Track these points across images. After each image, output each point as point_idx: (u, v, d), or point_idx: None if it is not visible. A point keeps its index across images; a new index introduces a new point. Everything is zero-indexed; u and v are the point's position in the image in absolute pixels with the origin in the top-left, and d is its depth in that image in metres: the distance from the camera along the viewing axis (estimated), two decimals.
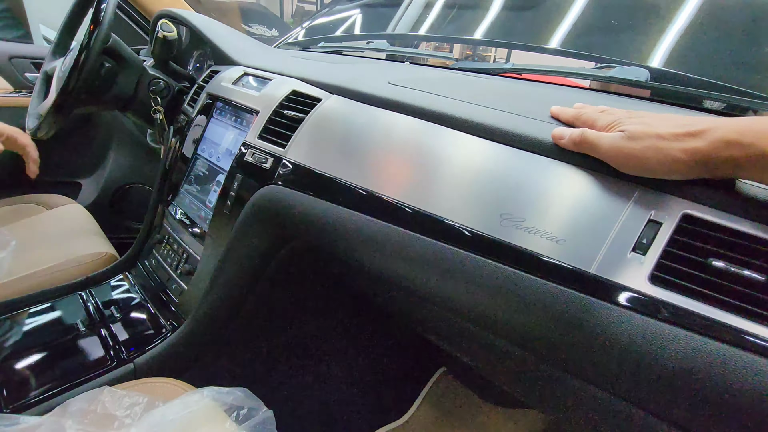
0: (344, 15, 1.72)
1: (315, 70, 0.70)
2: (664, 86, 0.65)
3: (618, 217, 0.35)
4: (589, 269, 0.35)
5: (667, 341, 0.30)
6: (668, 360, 0.30)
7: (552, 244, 0.37)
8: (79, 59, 0.74)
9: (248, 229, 0.61)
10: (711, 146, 0.28)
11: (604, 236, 0.35)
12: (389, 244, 0.47)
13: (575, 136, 0.37)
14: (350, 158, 0.53)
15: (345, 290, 0.69)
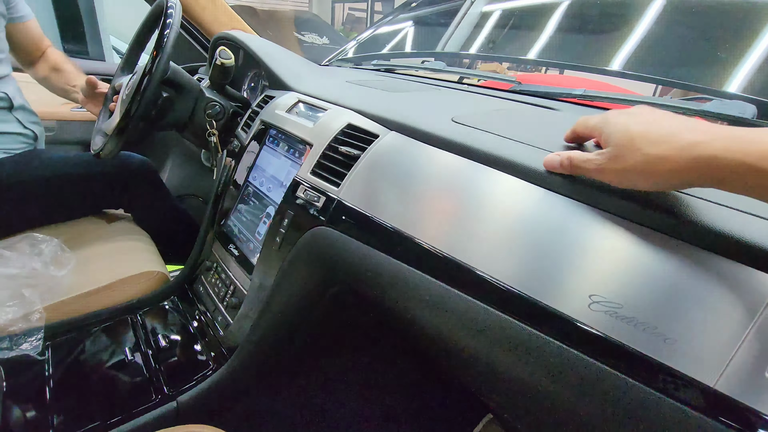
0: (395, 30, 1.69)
1: (372, 101, 0.66)
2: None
3: (752, 319, 0.28)
4: (711, 383, 0.28)
5: None
6: None
7: (659, 342, 0.30)
8: (141, 84, 0.75)
9: (296, 270, 0.58)
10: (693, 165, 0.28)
11: (734, 343, 0.28)
12: (450, 309, 0.42)
13: (564, 161, 0.37)
14: (409, 205, 0.49)
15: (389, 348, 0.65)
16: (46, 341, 0.69)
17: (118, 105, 0.94)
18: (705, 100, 0.65)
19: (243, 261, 0.70)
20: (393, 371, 0.78)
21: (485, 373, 0.42)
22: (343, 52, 1.49)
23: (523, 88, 0.83)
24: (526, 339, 0.36)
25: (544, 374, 0.35)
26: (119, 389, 0.62)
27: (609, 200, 0.36)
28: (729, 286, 0.29)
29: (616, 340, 0.32)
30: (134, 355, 0.68)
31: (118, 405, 0.59)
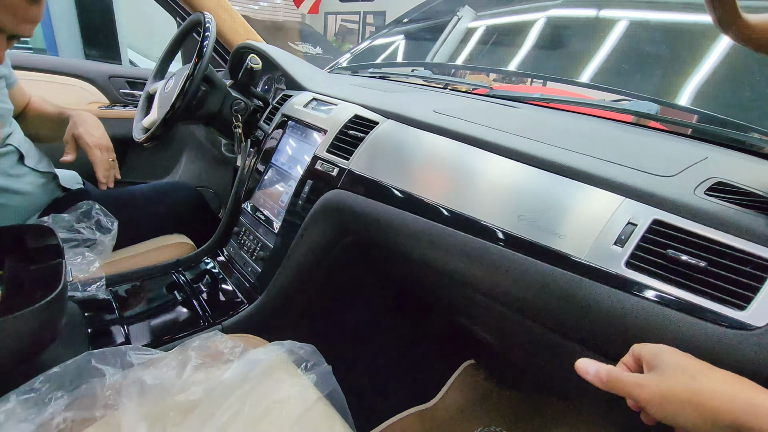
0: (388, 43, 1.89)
1: (372, 98, 0.86)
2: (670, 119, 0.76)
3: (606, 220, 0.47)
4: (581, 257, 0.47)
5: (629, 306, 0.42)
6: (627, 317, 0.42)
7: (555, 237, 0.49)
8: (185, 84, 0.93)
9: (315, 224, 0.76)
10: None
11: (594, 233, 0.47)
12: (429, 237, 0.60)
13: (602, 372, 0.36)
14: (401, 170, 0.68)
15: (390, 280, 0.83)
16: (107, 287, 0.86)
17: (156, 102, 1.11)
18: (625, 100, 0.86)
19: (268, 223, 0.88)
20: (387, 322, 0.96)
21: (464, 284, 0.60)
22: (342, 61, 1.69)
23: (494, 93, 1.03)
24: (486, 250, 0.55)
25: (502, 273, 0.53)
26: (174, 318, 0.79)
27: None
28: (592, 201, 0.49)
29: (531, 240, 0.51)
30: (182, 296, 0.85)
31: (175, 329, 0.76)
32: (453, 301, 0.68)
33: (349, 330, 0.87)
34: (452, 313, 0.73)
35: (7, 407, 0.51)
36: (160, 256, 1.04)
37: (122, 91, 1.65)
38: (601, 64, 1.05)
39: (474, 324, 0.70)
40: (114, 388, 0.56)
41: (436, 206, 0.60)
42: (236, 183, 1.03)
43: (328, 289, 0.82)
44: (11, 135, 0.94)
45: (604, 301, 0.44)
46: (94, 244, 0.95)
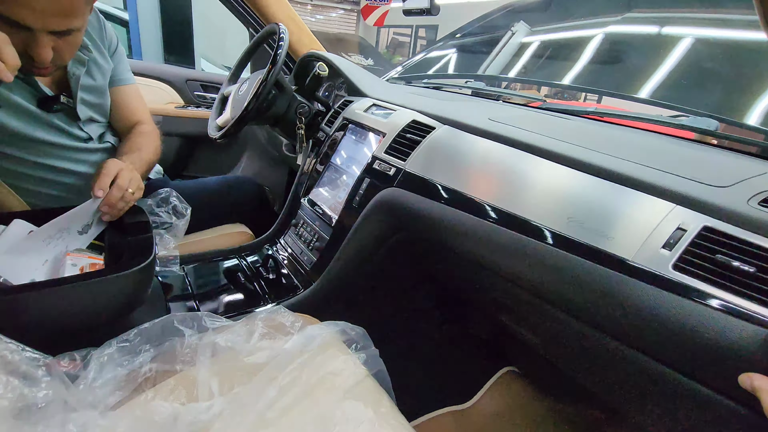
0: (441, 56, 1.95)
1: (429, 105, 0.91)
2: (730, 135, 0.76)
3: (655, 224, 0.50)
4: (629, 258, 0.50)
5: (675, 306, 0.44)
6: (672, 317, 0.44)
7: (602, 239, 0.52)
8: (259, 88, 1.03)
9: (370, 219, 0.82)
10: None
11: (642, 236, 0.50)
12: (479, 234, 0.64)
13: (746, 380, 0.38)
14: (455, 171, 0.72)
15: (437, 277, 0.87)
16: (180, 265, 0.96)
17: (229, 104, 1.23)
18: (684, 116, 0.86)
19: (325, 217, 0.96)
20: (431, 317, 1.00)
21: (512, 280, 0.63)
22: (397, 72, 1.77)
23: (548, 105, 1.06)
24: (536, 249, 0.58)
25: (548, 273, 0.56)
26: (238, 296, 0.88)
27: None
28: (643, 206, 0.51)
29: (580, 240, 0.54)
30: (245, 277, 0.94)
31: (239, 305, 0.85)
32: (498, 298, 0.71)
33: (394, 320, 0.92)
34: (496, 311, 0.76)
35: (109, 351, 0.60)
36: (224, 242, 1.14)
37: (196, 93, 1.82)
38: (658, 79, 1.05)
39: (518, 323, 0.73)
40: (191, 346, 0.64)
41: (487, 206, 0.64)
42: (296, 179, 1.12)
43: (378, 280, 0.88)
44: (106, 133, 1.05)
45: (649, 300, 0.47)
46: (170, 227, 1.06)
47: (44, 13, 0.68)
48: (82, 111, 0.96)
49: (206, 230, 1.19)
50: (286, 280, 0.94)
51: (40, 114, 0.88)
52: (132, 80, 1.10)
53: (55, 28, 0.72)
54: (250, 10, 1.50)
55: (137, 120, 1.09)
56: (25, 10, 0.67)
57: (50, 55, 0.74)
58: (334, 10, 12.08)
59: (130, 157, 0.93)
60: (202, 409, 0.57)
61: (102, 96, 1.01)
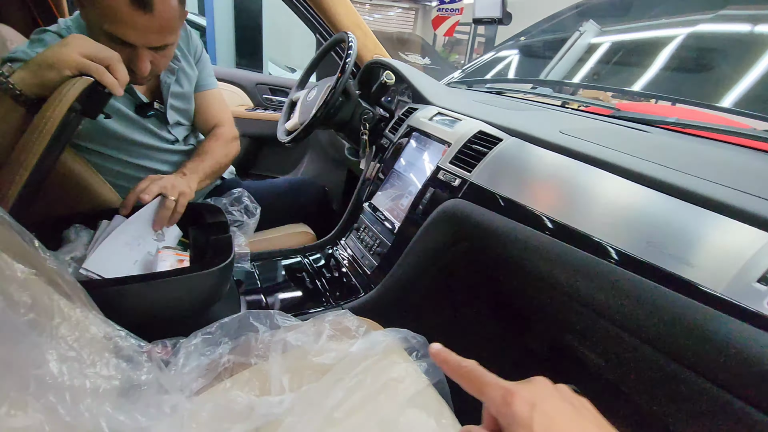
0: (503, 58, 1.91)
1: (496, 115, 0.90)
2: None
3: (748, 255, 0.46)
4: (717, 290, 0.47)
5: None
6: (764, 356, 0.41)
7: (685, 266, 0.49)
8: (328, 96, 1.08)
9: (433, 228, 0.83)
10: None
11: (733, 268, 0.47)
12: (548, 252, 0.63)
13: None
14: (523, 186, 0.72)
15: (498, 290, 0.86)
16: (251, 261, 1.03)
17: (298, 108, 1.29)
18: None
19: (387, 223, 0.98)
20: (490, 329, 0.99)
21: (579, 302, 0.62)
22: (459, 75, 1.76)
23: (621, 114, 1.01)
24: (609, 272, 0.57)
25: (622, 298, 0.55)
26: (303, 294, 0.93)
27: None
28: (735, 234, 0.48)
29: (660, 266, 0.51)
30: (310, 278, 0.99)
31: (304, 304, 0.90)
32: (563, 317, 0.69)
33: (452, 330, 0.92)
34: (559, 329, 0.75)
35: (195, 341, 0.66)
36: (288, 241, 1.21)
37: (264, 96, 1.92)
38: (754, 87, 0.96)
39: (583, 344, 0.71)
40: (264, 342, 0.69)
41: (557, 224, 0.63)
42: (359, 184, 1.15)
43: (438, 288, 0.89)
44: (189, 135, 1.15)
45: (740, 337, 0.44)
46: (241, 225, 1.14)
47: (145, 31, 0.77)
48: (171, 116, 1.05)
49: (272, 229, 1.26)
50: (347, 282, 0.98)
51: (137, 119, 0.98)
52: (214, 85, 1.19)
53: (153, 44, 0.80)
54: (319, 17, 1.55)
55: (216, 122, 1.18)
56: (129, 30, 0.75)
57: (149, 68, 0.83)
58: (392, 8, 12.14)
59: (190, 163, 1.01)
60: (274, 402, 0.61)
61: (188, 102, 1.11)
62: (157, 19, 0.76)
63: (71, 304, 0.52)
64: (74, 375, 0.48)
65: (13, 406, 0.41)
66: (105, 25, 0.74)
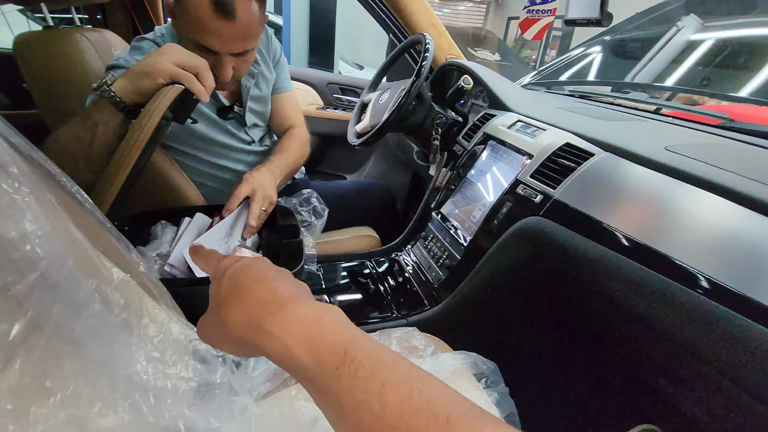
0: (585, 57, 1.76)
1: (587, 126, 0.82)
2: None
3: None
4: None
5: None
6: None
7: None
8: (402, 99, 1.05)
9: (509, 245, 0.78)
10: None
11: None
12: (646, 285, 0.56)
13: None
14: (618, 207, 0.64)
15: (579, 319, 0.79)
16: (318, 264, 1.04)
17: (369, 112, 1.28)
18: None
19: (457, 235, 0.94)
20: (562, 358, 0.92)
21: (678, 346, 0.54)
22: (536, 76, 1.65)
23: (734, 125, 0.87)
24: (721, 316, 0.49)
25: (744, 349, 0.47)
26: (368, 301, 0.92)
27: None
28: None
29: None
30: (375, 284, 0.98)
31: (369, 310, 0.89)
32: (652, 354, 0.61)
33: (521, 354, 0.87)
34: (645, 365, 0.66)
35: None
36: (353, 245, 1.21)
37: (335, 95, 1.94)
38: None
39: (673, 384, 0.62)
40: None
41: (658, 255, 0.56)
42: (428, 191, 1.12)
43: (509, 309, 0.84)
44: (265, 136, 1.19)
45: None
46: (309, 226, 1.16)
47: (228, 39, 0.80)
48: (249, 118, 1.09)
49: (337, 231, 1.27)
50: (412, 292, 0.96)
51: (219, 120, 1.03)
52: (290, 87, 1.23)
53: (235, 50, 0.84)
54: (393, 17, 1.53)
55: (291, 124, 1.21)
56: (213, 38, 0.79)
57: (231, 74, 0.86)
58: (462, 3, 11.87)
59: (276, 159, 1.04)
60: None
61: (265, 104, 1.14)
62: (239, 26, 0.79)
63: (157, 306, 0.55)
64: (158, 375, 0.50)
65: (105, 405, 0.43)
66: (192, 34, 0.79)
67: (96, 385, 0.43)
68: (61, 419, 0.39)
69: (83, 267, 0.44)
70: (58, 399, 0.39)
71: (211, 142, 1.04)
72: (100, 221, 0.49)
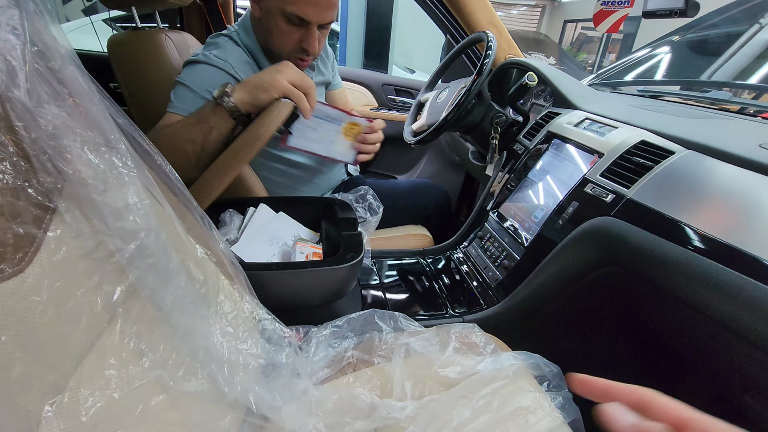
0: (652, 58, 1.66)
1: (664, 123, 0.77)
2: None
3: None
4: None
5: None
6: None
7: None
8: (462, 98, 1.04)
9: (575, 246, 0.75)
10: None
11: None
12: (737, 292, 0.51)
13: None
14: (705, 208, 0.59)
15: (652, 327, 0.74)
16: (372, 259, 1.05)
17: (426, 112, 1.28)
18: None
19: (516, 235, 0.91)
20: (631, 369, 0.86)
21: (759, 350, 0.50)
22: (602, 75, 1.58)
23: None
24: None
25: None
26: (422, 298, 0.92)
27: None
28: None
29: None
30: (429, 282, 0.97)
31: (423, 308, 0.88)
32: (747, 372, 0.56)
33: (585, 363, 0.82)
34: (737, 386, 0.61)
35: (325, 332, 0.69)
36: (407, 243, 1.21)
37: (389, 96, 1.96)
38: None
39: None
40: (387, 343, 0.69)
41: (752, 258, 0.51)
42: (485, 191, 1.10)
43: (573, 314, 0.80)
44: None
45: None
46: (364, 222, 1.17)
47: (320, 8, 0.85)
48: None
49: (390, 228, 1.27)
50: (467, 291, 0.94)
51: None
52: (341, 84, 1.30)
53: (325, 20, 0.88)
54: (451, 17, 1.53)
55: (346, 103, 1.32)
56: (309, 7, 0.84)
57: (318, 46, 0.91)
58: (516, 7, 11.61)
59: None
60: (396, 407, 0.60)
61: (320, 95, 1.19)
62: None
63: (232, 284, 0.58)
64: (231, 350, 0.52)
65: (187, 372, 0.46)
66: (289, 7, 0.83)
67: (180, 352, 0.46)
68: (152, 379, 0.42)
69: (173, 241, 0.47)
70: (149, 360, 0.42)
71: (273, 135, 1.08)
72: (188, 200, 0.52)
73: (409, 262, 1.06)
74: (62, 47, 0.38)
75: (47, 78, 0.36)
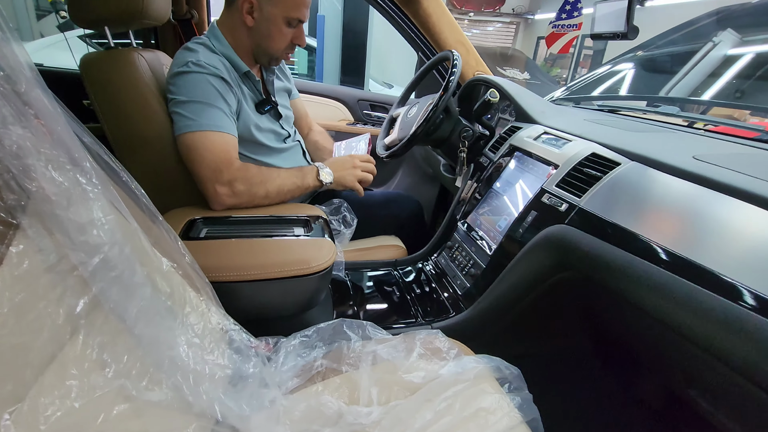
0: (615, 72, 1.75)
1: (612, 136, 0.83)
2: None
3: None
4: None
5: None
6: None
7: None
8: (429, 113, 1.09)
9: (534, 253, 0.79)
10: None
11: None
12: (676, 294, 0.56)
13: None
14: (645, 215, 0.64)
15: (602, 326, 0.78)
16: (346, 271, 1.07)
17: (397, 126, 1.32)
18: None
19: (482, 244, 0.95)
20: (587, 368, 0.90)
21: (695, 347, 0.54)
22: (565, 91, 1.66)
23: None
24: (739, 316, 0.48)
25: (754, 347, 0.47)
26: (393, 308, 0.94)
27: None
28: None
29: None
30: (399, 292, 1.00)
31: (394, 317, 0.90)
32: (689, 370, 0.60)
33: (545, 364, 0.86)
34: (681, 383, 0.65)
35: (294, 342, 0.70)
36: (379, 254, 1.23)
37: (365, 112, 2.01)
38: None
39: (714, 405, 0.60)
40: (356, 351, 0.71)
41: (687, 262, 0.55)
42: (454, 202, 1.14)
43: (533, 317, 0.83)
44: (295, 132, 1.27)
45: None
46: (338, 234, 1.20)
47: (308, 7, 1.01)
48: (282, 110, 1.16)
49: (365, 239, 1.30)
50: (436, 300, 0.97)
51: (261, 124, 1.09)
52: (299, 95, 1.37)
53: (306, 18, 1.03)
54: (422, 36, 1.59)
55: (309, 123, 1.43)
56: (305, 9, 1.00)
57: None
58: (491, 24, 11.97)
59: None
60: (363, 413, 0.62)
61: (286, 99, 1.23)
62: None
63: (199, 296, 0.59)
64: (197, 360, 0.53)
65: (151, 381, 0.47)
66: (292, 13, 0.98)
67: (144, 362, 0.47)
68: (114, 388, 0.43)
69: (138, 255, 0.49)
70: (112, 370, 0.43)
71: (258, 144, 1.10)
72: (153, 214, 0.54)
73: (382, 273, 1.09)
74: (28, 70, 0.40)
75: (12, 100, 0.37)
